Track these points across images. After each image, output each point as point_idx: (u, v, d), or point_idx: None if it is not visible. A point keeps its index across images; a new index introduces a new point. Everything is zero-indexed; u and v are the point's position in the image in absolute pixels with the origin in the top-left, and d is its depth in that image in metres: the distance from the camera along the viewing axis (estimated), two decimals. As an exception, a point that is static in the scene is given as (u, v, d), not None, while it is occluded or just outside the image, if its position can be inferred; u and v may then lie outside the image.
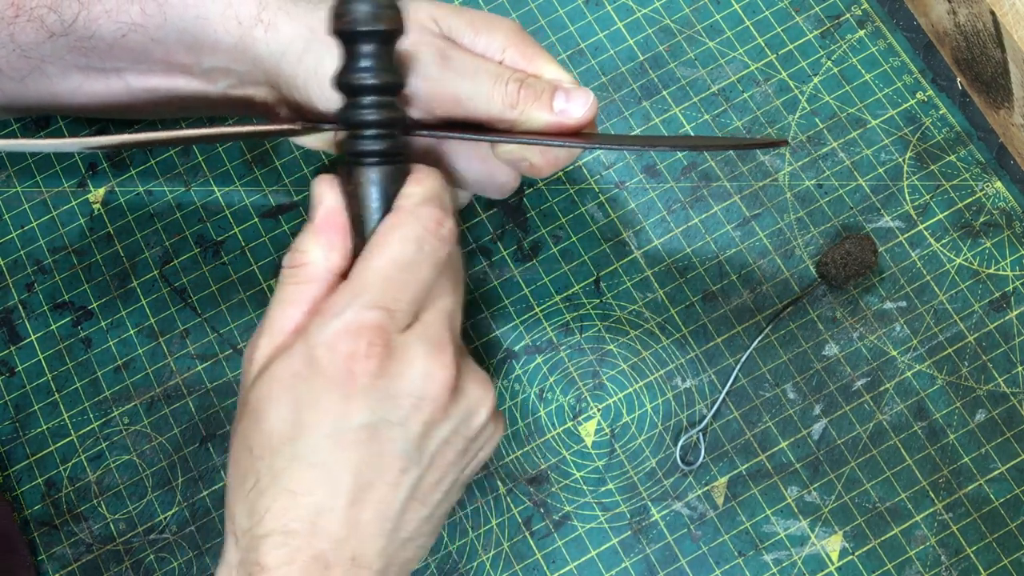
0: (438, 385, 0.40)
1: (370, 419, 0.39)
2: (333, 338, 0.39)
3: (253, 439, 0.40)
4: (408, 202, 0.42)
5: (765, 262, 0.60)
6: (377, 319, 0.39)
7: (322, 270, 0.42)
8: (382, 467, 0.40)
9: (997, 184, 0.60)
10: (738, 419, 0.57)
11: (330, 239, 0.42)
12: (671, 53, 0.63)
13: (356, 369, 0.39)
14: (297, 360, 0.40)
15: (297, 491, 0.39)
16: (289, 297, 0.42)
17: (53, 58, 0.48)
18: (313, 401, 0.39)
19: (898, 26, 0.63)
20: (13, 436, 0.59)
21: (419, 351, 0.40)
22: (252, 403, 0.41)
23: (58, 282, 0.61)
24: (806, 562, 0.55)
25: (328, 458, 0.39)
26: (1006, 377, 0.57)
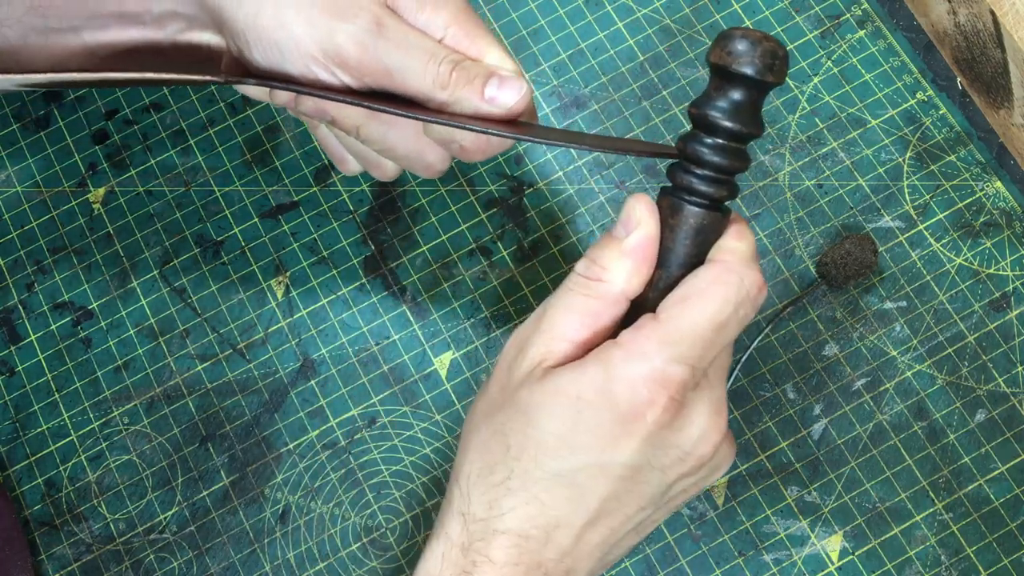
0: (708, 446, 0.41)
1: (638, 461, 0.41)
2: (637, 381, 0.40)
3: (514, 437, 0.41)
4: (733, 258, 0.42)
5: (765, 262, 0.60)
6: (683, 375, 0.40)
7: (620, 292, 0.42)
8: (626, 502, 0.41)
9: (997, 184, 0.60)
10: (738, 419, 0.57)
11: (638, 266, 0.42)
12: (671, 53, 0.63)
13: (648, 416, 0.40)
14: (589, 384, 0.40)
15: (547, 503, 0.40)
16: (578, 307, 0.42)
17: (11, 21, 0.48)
18: (594, 430, 0.40)
19: (898, 26, 0.63)
20: (13, 436, 0.59)
21: (703, 410, 0.41)
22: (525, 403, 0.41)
23: (58, 282, 0.61)
24: (806, 562, 0.55)
25: (585, 483, 0.40)
26: (1006, 377, 0.57)
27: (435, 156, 0.49)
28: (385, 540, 0.57)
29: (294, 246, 0.61)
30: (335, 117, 0.47)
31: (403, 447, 0.58)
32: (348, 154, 0.52)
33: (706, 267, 0.42)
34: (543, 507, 0.40)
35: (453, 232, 0.61)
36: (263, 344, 0.60)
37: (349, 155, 0.53)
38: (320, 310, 0.60)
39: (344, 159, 0.53)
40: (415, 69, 0.45)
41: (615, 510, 0.41)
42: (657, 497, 0.42)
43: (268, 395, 0.59)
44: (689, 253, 0.42)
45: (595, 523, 0.41)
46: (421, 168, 0.50)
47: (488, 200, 0.61)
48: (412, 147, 0.48)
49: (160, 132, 0.63)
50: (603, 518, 0.41)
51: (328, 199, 0.62)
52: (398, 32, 0.45)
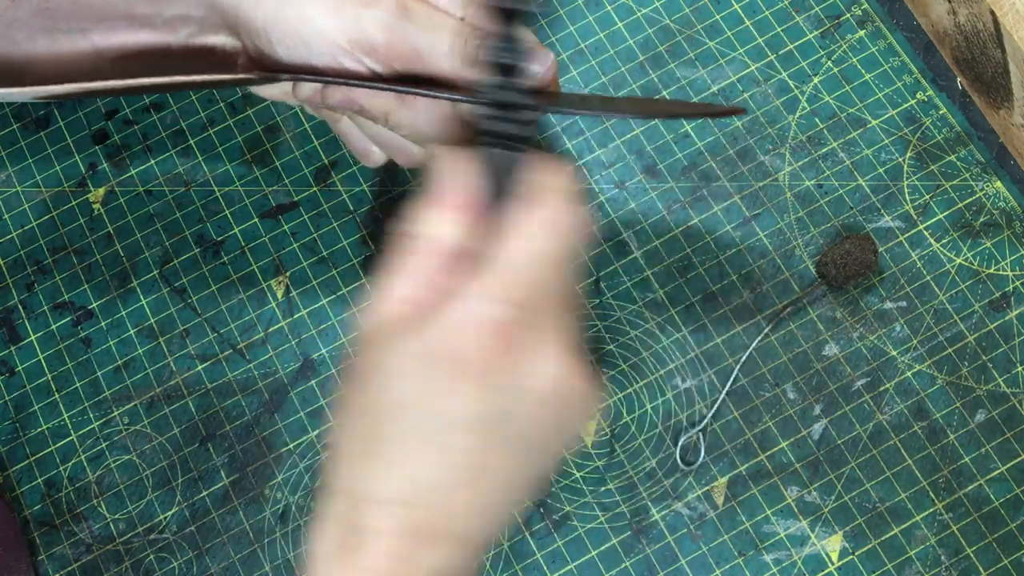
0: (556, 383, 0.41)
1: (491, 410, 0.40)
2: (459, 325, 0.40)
3: (372, 406, 0.41)
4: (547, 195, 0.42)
5: (765, 262, 0.60)
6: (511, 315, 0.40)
7: (444, 247, 0.41)
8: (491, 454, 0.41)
9: (997, 184, 0.60)
10: (738, 419, 0.57)
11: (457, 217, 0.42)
12: (671, 53, 0.63)
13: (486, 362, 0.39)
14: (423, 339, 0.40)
15: (405, 463, 0.40)
16: (409, 268, 0.42)
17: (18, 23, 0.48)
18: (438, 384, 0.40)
19: (898, 26, 0.63)
20: (13, 436, 0.59)
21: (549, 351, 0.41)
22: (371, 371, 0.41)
23: (58, 282, 0.61)
24: (806, 562, 0.55)
25: (441, 438, 0.40)
26: (1006, 377, 0.57)
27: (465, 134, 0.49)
28: (385, 540, 0.57)
29: (294, 246, 0.61)
30: (364, 106, 0.47)
31: (403, 447, 0.58)
32: (372, 145, 0.52)
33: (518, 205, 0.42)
34: (411, 471, 0.40)
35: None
36: (263, 344, 0.60)
37: (373, 146, 0.52)
38: (320, 310, 0.60)
39: (368, 151, 0.53)
40: (443, 49, 0.45)
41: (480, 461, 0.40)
42: (522, 445, 0.41)
43: (268, 395, 0.59)
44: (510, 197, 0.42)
45: (468, 480, 0.40)
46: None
47: (488, 200, 0.61)
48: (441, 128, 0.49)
49: (160, 132, 0.63)
50: (476, 474, 0.40)
51: (328, 199, 0.62)
52: (423, 13, 0.45)
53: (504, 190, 0.42)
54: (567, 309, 0.42)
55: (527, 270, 0.40)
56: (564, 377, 0.41)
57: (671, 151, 0.62)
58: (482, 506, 0.41)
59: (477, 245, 0.41)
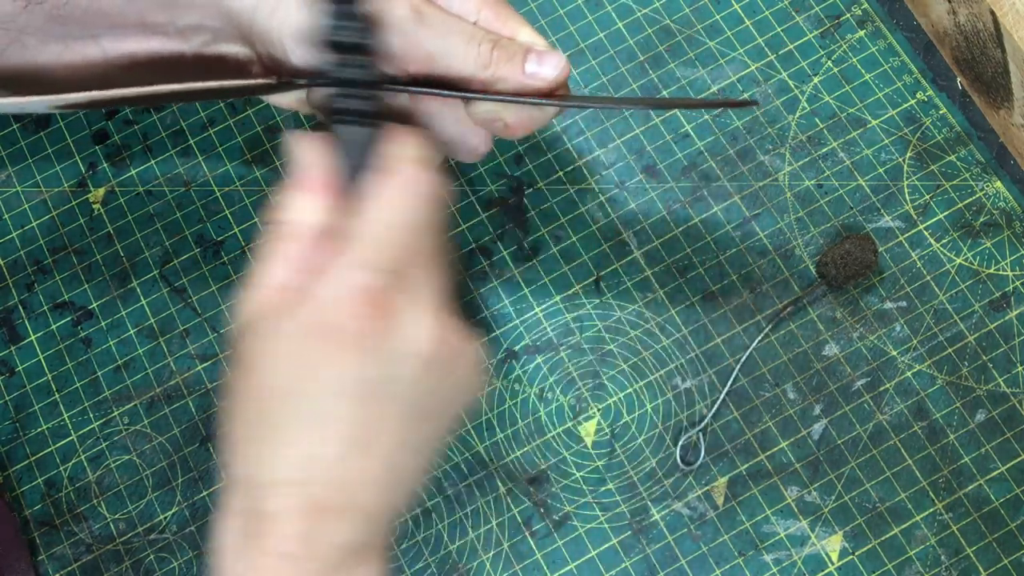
0: (428, 342, 0.41)
1: (371, 375, 0.40)
2: (328, 298, 0.40)
3: (257, 392, 0.41)
4: (399, 163, 0.43)
5: (765, 262, 0.60)
6: (373, 280, 0.41)
7: (308, 228, 0.42)
8: (380, 421, 0.41)
9: (997, 184, 0.60)
10: (738, 419, 0.57)
11: (316, 197, 0.43)
12: (671, 53, 0.63)
13: (360, 329, 0.40)
14: (297, 317, 0.41)
15: (295, 442, 0.40)
16: (273, 253, 0.42)
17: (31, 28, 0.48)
18: (316, 358, 0.40)
19: (898, 26, 0.63)
20: (13, 436, 0.59)
21: (412, 311, 0.41)
22: (251, 358, 0.42)
23: (58, 282, 0.61)
24: (806, 562, 0.55)
25: (328, 412, 0.40)
26: (1006, 377, 0.57)
27: (478, 139, 0.50)
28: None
29: (294, 246, 0.61)
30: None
31: (403, 447, 0.58)
32: None
33: (377, 177, 0.42)
34: (299, 448, 0.40)
35: (453, 232, 0.61)
36: (263, 344, 0.60)
37: None
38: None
39: None
40: (457, 52, 0.46)
41: (372, 432, 0.41)
42: (410, 408, 0.42)
43: (268, 395, 0.59)
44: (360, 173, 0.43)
45: (361, 450, 0.41)
46: (464, 152, 0.50)
47: (488, 200, 0.61)
48: (454, 132, 0.49)
49: (160, 132, 0.63)
50: (368, 443, 0.41)
51: (328, 199, 0.62)
52: (437, 18, 0.46)
53: (363, 166, 0.43)
54: (435, 271, 0.43)
55: (387, 236, 0.41)
56: (439, 336, 0.41)
57: (671, 151, 0.62)
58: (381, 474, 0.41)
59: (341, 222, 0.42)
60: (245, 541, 0.40)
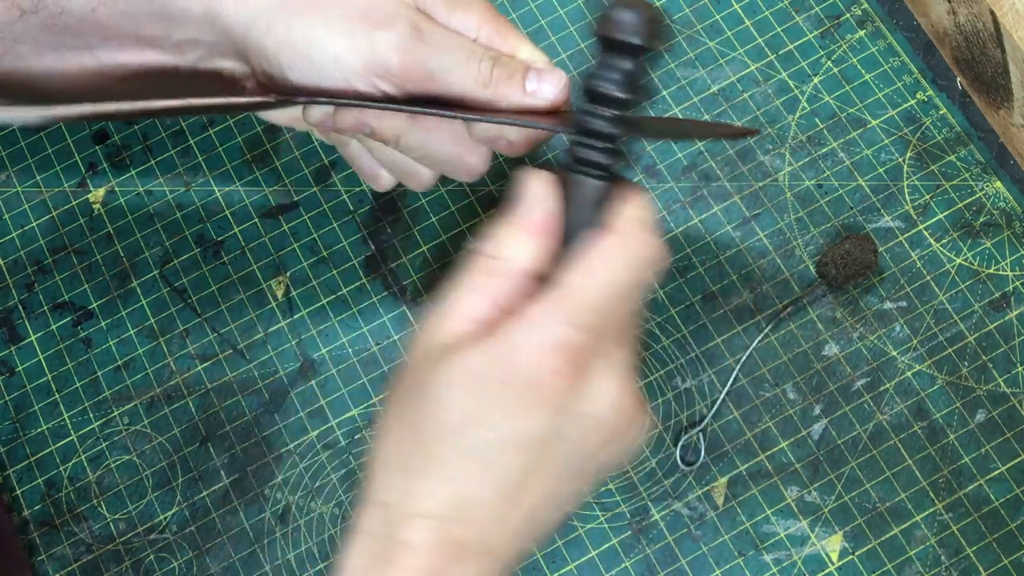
0: (616, 411, 0.41)
1: (545, 430, 0.40)
2: (536, 349, 0.40)
3: (422, 420, 0.41)
4: (629, 225, 0.42)
5: (765, 262, 0.60)
6: (582, 341, 0.40)
7: (521, 270, 0.41)
8: (542, 476, 0.41)
9: (997, 184, 0.60)
10: (738, 419, 0.57)
11: (537, 241, 0.42)
12: (671, 53, 0.63)
13: (551, 384, 0.40)
14: (490, 358, 0.40)
15: (460, 483, 0.40)
16: (480, 287, 0.41)
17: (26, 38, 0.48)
18: (499, 402, 0.40)
19: (898, 26, 0.63)
20: (13, 436, 0.59)
21: (609, 378, 0.41)
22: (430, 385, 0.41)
23: (58, 282, 0.61)
24: (806, 562, 0.55)
25: (495, 458, 0.40)
26: (1006, 377, 0.57)
27: (476, 158, 0.49)
28: (385, 540, 0.57)
29: (294, 246, 0.61)
30: (376, 128, 0.47)
31: (403, 447, 0.58)
32: (381, 169, 0.52)
33: (602, 234, 0.42)
34: (456, 487, 0.40)
35: (453, 232, 0.61)
36: (263, 344, 0.60)
37: (382, 170, 0.52)
38: (320, 310, 0.60)
39: (377, 175, 0.53)
40: (457, 70, 0.45)
41: (530, 484, 0.41)
42: (572, 468, 0.41)
43: (268, 395, 0.59)
44: (589, 224, 0.42)
45: (511, 498, 0.40)
46: (462, 171, 0.50)
47: (488, 200, 0.61)
48: (452, 151, 0.49)
49: (160, 132, 0.63)
50: (519, 493, 0.40)
51: (328, 199, 0.62)
52: (436, 35, 0.45)
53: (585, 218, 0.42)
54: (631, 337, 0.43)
55: (600, 297, 0.40)
56: (620, 404, 0.41)
57: (671, 151, 0.62)
58: (522, 524, 0.41)
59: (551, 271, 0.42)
60: (372, 564, 0.40)
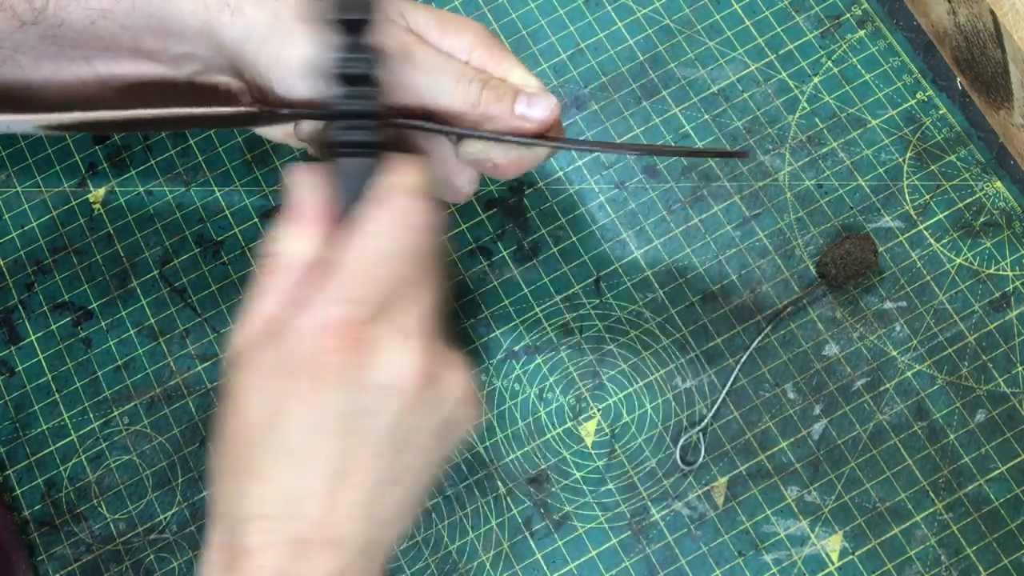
0: (408, 374, 0.41)
1: (343, 409, 0.40)
2: (305, 331, 0.40)
3: (235, 426, 0.41)
4: (384, 192, 0.42)
5: (765, 262, 0.60)
6: (350, 313, 0.40)
7: (299, 261, 0.42)
8: (357, 454, 0.41)
9: (997, 184, 0.60)
10: (738, 419, 0.57)
11: (308, 230, 0.42)
12: (671, 53, 0.63)
13: (330, 362, 0.40)
14: (275, 351, 0.41)
15: (273, 478, 0.40)
16: (266, 286, 0.42)
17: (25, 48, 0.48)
18: (288, 392, 0.40)
19: (898, 26, 0.63)
20: (13, 436, 0.59)
21: (392, 342, 0.41)
22: (233, 391, 0.42)
23: (58, 282, 0.61)
24: (806, 562, 0.55)
25: (303, 446, 0.40)
26: (1006, 377, 0.57)
27: (464, 179, 0.49)
28: (385, 540, 0.57)
29: (294, 246, 0.61)
30: None
31: (403, 447, 0.58)
32: None
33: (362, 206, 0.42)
34: (275, 483, 0.40)
35: (453, 232, 0.61)
36: (263, 344, 0.60)
37: None
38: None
39: None
40: (445, 91, 0.45)
41: (353, 466, 0.40)
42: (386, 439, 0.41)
43: (268, 395, 0.59)
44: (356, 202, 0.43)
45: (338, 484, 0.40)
46: (450, 193, 0.50)
47: (488, 200, 0.61)
48: (439, 172, 0.49)
49: (160, 132, 0.63)
50: (344, 477, 0.40)
51: (328, 199, 0.62)
52: (426, 56, 0.46)
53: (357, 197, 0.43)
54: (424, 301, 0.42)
55: (370, 267, 0.41)
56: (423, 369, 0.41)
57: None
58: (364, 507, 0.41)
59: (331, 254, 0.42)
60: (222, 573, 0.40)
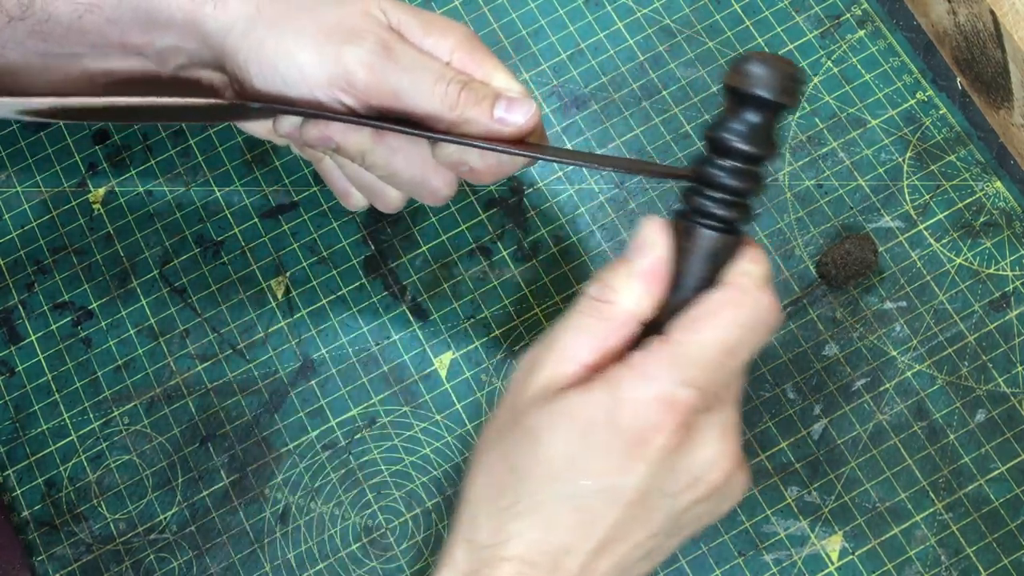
0: (719, 472, 0.41)
1: (647, 485, 0.40)
2: (644, 403, 0.39)
3: (521, 460, 0.40)
4: (746, 281, 0.41)
5: (765, 262, 0.60)
6: (692, 399, 0.40)
7: (630, 315, 0.41)
8: (636, 529, 0.41)
9: (997, 184, 0.60)
10: (738, 419, 0.57)
11: (649, 287, 0.41)
12: (671, 53, 0.63)
13: (655, 440, 0.39)
14: (597, 406, 0.40)
15: (553, 528, 0.40)
16: (588, 329, 0.41)
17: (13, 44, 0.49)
18: (601, 452, 0.40)
19: (898, 26, 0.63)
20: (13, 436, 0.59)
21: (714, 436, 0.41)
22: (532, 425, 0.41)
23: (58, 282, 0.61)
24: (806, 562, 0.55)
25: (593, 508, 0.40)
26: (1006, 377, 0.57)
27: (441, 181, 0.49)
28: (385, 540, 0.57)
29: (294, 246, 0.61)
30: (340, 144, 0.47)
31: (403, 447, 0.58)
32: (352, 187, 0.52)
33: (719, 289, 0.41)
34: (550, 532, 0.40)
35: (453, 232, 0.61)
36: (263, 344, 0.60)
37: (353, 188, 0.53)
38: (320, 310, 0.60)
39: (348, 193, 0.53)
40: (423, 90, 0.45)
41: (624, 536, 0.40)
42: (667, 523, 0.41)
43: (268, 395, 0.59)
44: (703, 276, 0.42)
45: (603, 549, 0.40)
46: (427, 194, 0.49)
47: (488, 200, 0.61)
48: (417, 172, 0.48)
49: (160, 132, 0.63)
50: (611, 544, 0.40)
51: (328, 199, 0.62)
52: (406, 54, 0.45)
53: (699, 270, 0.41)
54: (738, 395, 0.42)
55: (711, 355, 0.40)
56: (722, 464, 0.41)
57: (671, 151, 0.62)
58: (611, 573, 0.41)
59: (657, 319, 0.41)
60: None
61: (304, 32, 0.45)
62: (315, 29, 0.45)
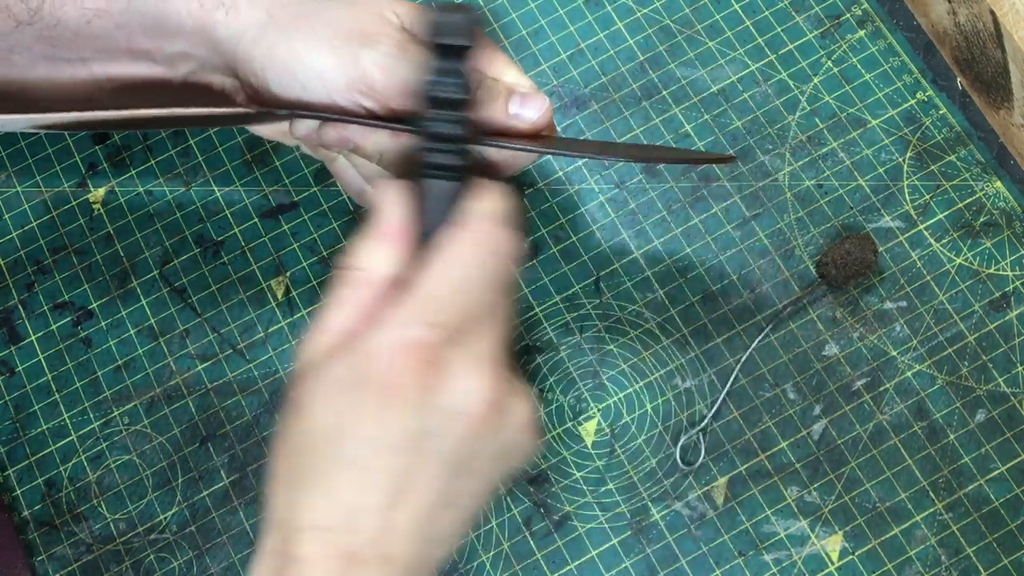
0: (479, 401, 0.41)
1: (411, 429, 0.41)
2: (384, 350, 0.40)
3: (300, 435, 0.41)
4: (476, 219, 0.43)
5: (765, 262, 0.60)
6: (429, 336, 0.40)
7: (378, 277, 0.42)
8: (419, 474, 0.41)
9: (997, 184, 0.60)
10: (738, 419, 0.57)
11: (392, 247, 0.43)
12: (671, 53, 0.63)
13: (402, 382, 0.40)
14: (348, 366, 0.41)
15: (336, 490, 0.40)
16: (343, 299, 0.43)
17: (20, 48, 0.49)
18: (359, 407, 0.40)
19: (898, 26, 0.63)
20: (13, 436, 0.59)
21: (466, 368, 0.41)
22: (300, 400, 0.42)
23: (58, 282, 0.61)
24: (806, 562, 0.55)
25: (368, 462, 0.40)
26: (1006, 377, 0.57)
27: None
28: (385, 540, 0.57)
29: (294, 246, 0.61)
30: (358, 144, 0.48)
31: (403, 447, 0.58)
32: (368, 185, 0.53)
33: (446, 231, 0.42)
34: (336, 496, 0.40)
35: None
36: (263, 344, 0.60)
37: (368, 186, 0.53)
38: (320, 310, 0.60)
39: (363, 191, 0.53)
40: None
41: (410, 486, 0.41)
42: (449, 465, 0.41)
43: (268, 395, 0.59)
44: (439, 224, 0.43)
45: (395, 502, 0.41)
46: None
47: (488, 200, 0.61)
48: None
49: (160, 132, 0.63)
50: (402, 495, 0.41)
51: (328, 199, 0.62)
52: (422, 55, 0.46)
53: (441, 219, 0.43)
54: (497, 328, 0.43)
55: (449, 292, 0.41)
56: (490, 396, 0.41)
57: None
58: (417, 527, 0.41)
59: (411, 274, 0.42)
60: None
61: (319, 37, 0.46)
62: (330, 34, 0.46)
